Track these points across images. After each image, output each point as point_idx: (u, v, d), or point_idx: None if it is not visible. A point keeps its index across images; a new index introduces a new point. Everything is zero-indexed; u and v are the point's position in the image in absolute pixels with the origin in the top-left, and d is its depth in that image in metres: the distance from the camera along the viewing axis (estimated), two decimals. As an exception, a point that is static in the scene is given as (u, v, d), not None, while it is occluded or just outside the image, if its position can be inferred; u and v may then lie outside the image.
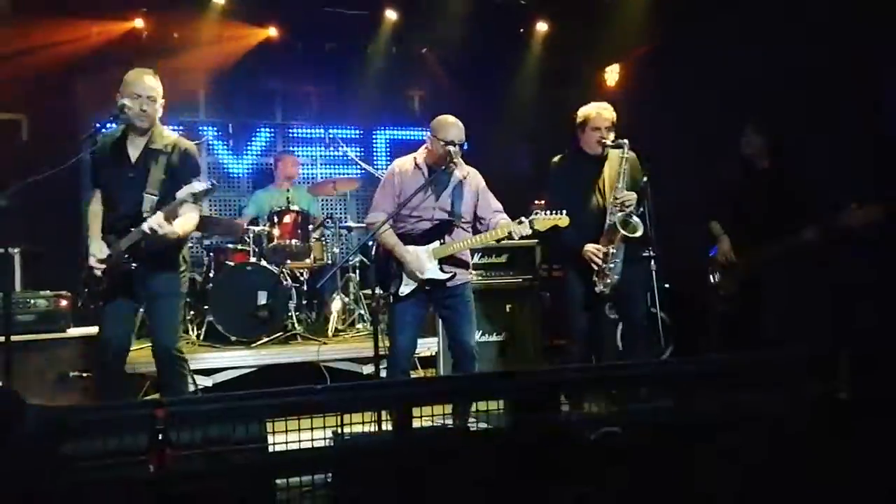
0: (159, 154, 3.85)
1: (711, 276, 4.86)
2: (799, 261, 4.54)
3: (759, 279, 4.64)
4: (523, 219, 4.08)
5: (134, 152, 3.88)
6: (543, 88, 7.56)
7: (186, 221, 3.83)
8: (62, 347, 4.83)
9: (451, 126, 4.19)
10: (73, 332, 4.95)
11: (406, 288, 4.17)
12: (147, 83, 3.83)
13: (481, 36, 7.20)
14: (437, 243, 4.19)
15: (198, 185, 3.67)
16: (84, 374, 4.76)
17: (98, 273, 3.83)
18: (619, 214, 4.30)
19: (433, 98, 8.20)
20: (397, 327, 4.22)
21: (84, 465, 2.36)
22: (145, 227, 3.65)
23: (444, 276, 4.17)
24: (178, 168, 3.86)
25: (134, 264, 3.80)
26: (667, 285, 5.45)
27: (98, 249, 3.83)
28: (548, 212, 4.09)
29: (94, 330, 4.37)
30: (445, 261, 4.19)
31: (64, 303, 4.95)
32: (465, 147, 4.20)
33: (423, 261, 4.16)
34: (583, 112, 4.50)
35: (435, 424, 2.81)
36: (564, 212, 4.08)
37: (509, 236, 4.08)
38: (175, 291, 3.97)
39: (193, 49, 6.85)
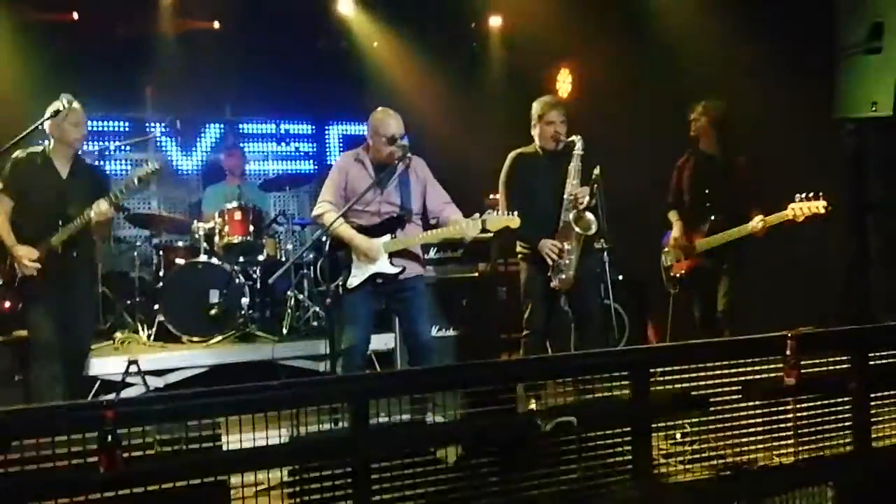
0: (83, 167, 4.32)
1: (664, 259, 5.00)
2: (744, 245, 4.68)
3: (708, 263, 4.78)
4: (477, 215, 4.07)
5: (63, 167, 4.21)
6: (500, 81, 7.58)
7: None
8: (3, 350, 4.69)
9: (390, 119, 4.15)
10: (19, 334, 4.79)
11: (354, 280, 4.13)
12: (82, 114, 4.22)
13: (434, 28, 7.19)
14: (387, 237, 4.15)
15: (145, 168, 4.11)
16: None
17: (33, 273, 4.05)
18: (574, 211, 4.32)
19: (384, 92, 8.15)
20: (349, 321, 4.18)
21: (31, 468, 2.29)
22: (92, 211, 3.98)
23: (394, 270, 4.14)
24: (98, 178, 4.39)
25: (72, 255, 4.13)
26: (620, 276, 5.53)
27: (28, 251, 4.05)
28: (499, 212, 4.10)
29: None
30: (396, 255, 4.16)
31: (7, 304, 4.80)
32: (406, 139, 4.16)
33: (375, 251, 4.13)
34: (536, 106, 4.52)
35: (391, 419, 2.80)
36: (516, 213, 4.08)
37: (461, 241, 4.09)
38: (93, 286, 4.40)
39: (139, 44, 6.71)
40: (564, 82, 7.18)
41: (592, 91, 6.65)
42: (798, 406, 3.26)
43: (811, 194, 4.36)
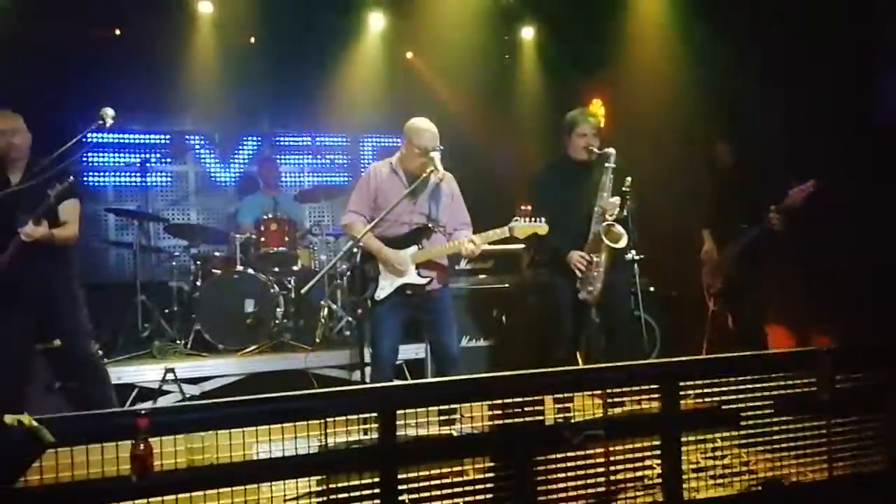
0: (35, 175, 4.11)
1: (703, 278, 4.99)
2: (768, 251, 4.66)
3: (738, 276, 4.75)
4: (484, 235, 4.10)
5: (14, 179, 4.12)
6: (533, 93, 7.59)
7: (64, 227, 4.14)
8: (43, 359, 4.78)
9: (425, 132, 4.14)
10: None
11: (382, 292, 4.16)
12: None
13: (467, 40, 7.21)
14: (414, 248, 4.17)
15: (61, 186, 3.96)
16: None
17: None
18: (603, 224, 4.31)
19: (421, 103, 8.20)
20: (378, 334, 4.20)
21: (66, 474, 2.35)
22: (21, 236, 3.92)
23: (422, 281, 4.16)
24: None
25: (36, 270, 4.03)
26: (651, 288, 5.49)
27: None
28: (527, 219, 4.08)
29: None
30: (424, 266, 4.18)
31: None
32: (441, 150, 4.18)
33: (403, 262, 4.15)
34: (569, 117, 4.51)
35: (420, 429, 2.82)
36: (543, 219, 4.07)
37: (469, 253, 4.10)
38: (72, 293, 4.23)
39: (178, 58, 6.85)
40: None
41: (625, 102, 6.63)
42: (832, 422, 3.21)
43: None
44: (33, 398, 4.38)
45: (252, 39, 7.16)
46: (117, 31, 6.69)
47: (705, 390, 3.11)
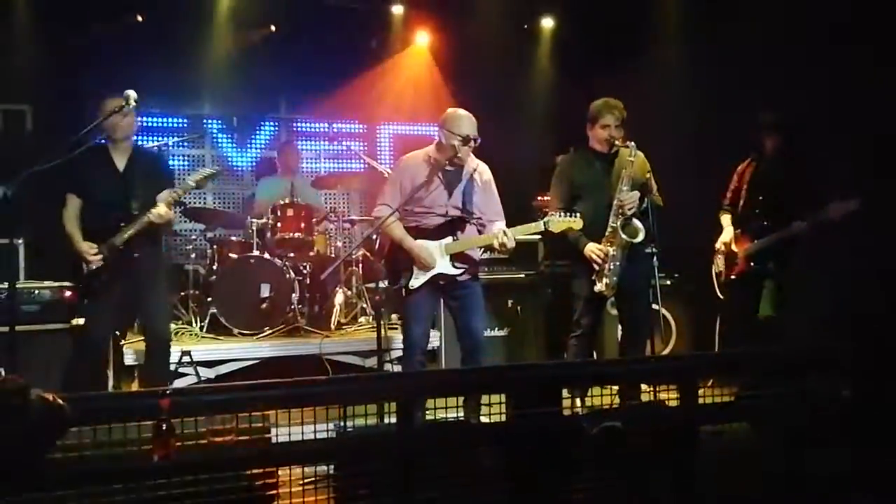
0: (141, 160, 4.39)
1: (714, 264, 4.92)
2: (795, 250, 4.61)
3: (754, 270, 4.70)
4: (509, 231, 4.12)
5: (120, 161, 4.31)
6: (551, 83, 7.56)
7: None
8: (67, 338, 4.84)
9: (465, 120, 4.16)
10: (78, 322, 4.95)
11: (416, 281, 4.18)
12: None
13: (485, 30, 7.18)
14: (449, 239, 4.19)
15: (203, 171, 4.31)
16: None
17: (95, 267, 4.18)
18: (621, 218, 4.29)
19: (435, 93, 8.18)
20: (412, 321, 4.24)
21: (88, 454, 2.37)
22: (152, 216, 4.12)
23: (456, 272, 4.18)
24: (156, 171, 4.43)
25: (135, 254, 4.22)
26: (668, 281, 5.47)
27: (90, 246, 4.19)
28: (562, 214, 4.11)
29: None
30: (456, 257, 4.20)
31: (68, 294, 4.95)
32: (479, 141, 4.17)
33: (435, 254, 4.17)
34: (593, 108, 4.48)
35: (438, 417, 2.82)
36: (578, 215, 4.10)
37: (501, 247, 4.10)
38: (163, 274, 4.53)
39: (198, 43, 6.87)
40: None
41: (644, 94, 6.60)
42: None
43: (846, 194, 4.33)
44: (53, 377, 4.47)
45: (273, 28, 7.15)
46: (139, 18, 6.70)
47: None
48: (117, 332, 5.03)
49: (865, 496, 3.07)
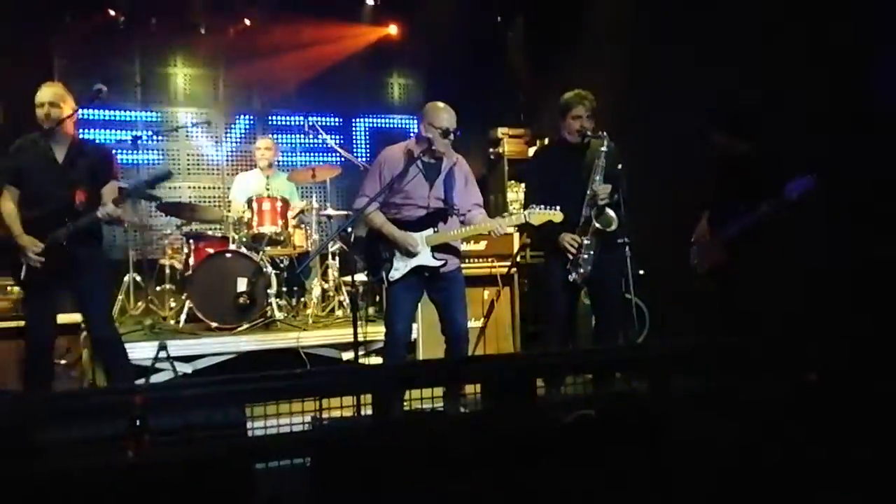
0: (83, 153, 4.28)
1: (691, 257, 4.97)
2: (767, 240, 4.64)
3: (731, 259, 4.75)
4: (506, 214, 4.14)
5: (59, 152, 4.21)
6: (526, 75, 7.59)
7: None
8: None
9: (444, 113, 4.19)
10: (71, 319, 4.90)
11: (396, 272, 4.20)
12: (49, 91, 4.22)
13: (460, 22, 7.20)
14: (430, 231, 4.21)
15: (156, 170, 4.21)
16: (62, 362, 4.74)
17: (37, 265, 4.08)
18: (594, 208, 4.33)
19: (413, 85, 8.20)
20: (395, 314, 4.24)
21: (60, 452, 2.36)
22: (100, 212, 4.09)
23: (437, 263, 4.21)
24: (99, 164, 4.29)
25: (77, 250, 4.14)
26: (641, 271, 5.52)
27: (33, 243, 4.08)
28: (542, 207, 4.14)
29: (76, 317, 4.53)
30: (438, 248, 4.22)
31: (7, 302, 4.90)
32: (459, 134, 4.20)
33: (417, 243, 4.19)
34: (564, 99, 4.52)
35: (414, 408, 2.85)
36: (558, 207, 4.14)
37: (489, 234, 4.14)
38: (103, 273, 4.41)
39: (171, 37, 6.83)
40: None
41: (618, 83, 6.64)
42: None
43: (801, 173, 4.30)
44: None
45: (247, 22, 7.12)
46: (111, 13, 6.66)
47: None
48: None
49: (833, 485, 3.13)
